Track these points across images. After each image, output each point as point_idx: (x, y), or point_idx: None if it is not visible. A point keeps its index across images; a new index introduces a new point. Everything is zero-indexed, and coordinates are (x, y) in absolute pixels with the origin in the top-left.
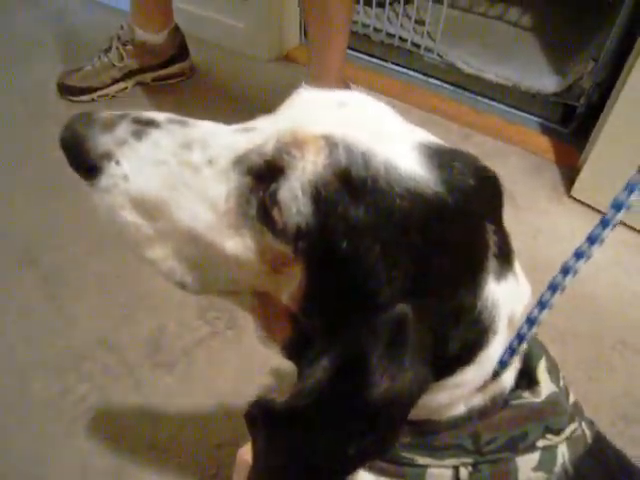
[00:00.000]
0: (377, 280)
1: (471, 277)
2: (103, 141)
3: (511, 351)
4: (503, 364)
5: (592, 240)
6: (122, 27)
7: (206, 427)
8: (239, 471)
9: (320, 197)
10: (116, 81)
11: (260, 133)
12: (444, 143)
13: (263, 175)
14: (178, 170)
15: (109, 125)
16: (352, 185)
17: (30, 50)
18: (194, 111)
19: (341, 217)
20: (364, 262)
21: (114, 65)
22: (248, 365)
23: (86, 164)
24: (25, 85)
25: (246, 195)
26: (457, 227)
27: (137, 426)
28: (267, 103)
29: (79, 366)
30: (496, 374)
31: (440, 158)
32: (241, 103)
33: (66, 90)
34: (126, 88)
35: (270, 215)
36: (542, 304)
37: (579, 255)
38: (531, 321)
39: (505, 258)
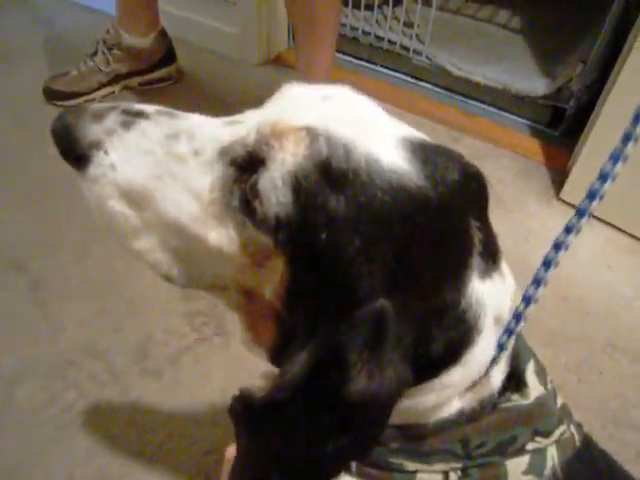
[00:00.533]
0: (357, 274)
1: (454, 274)
2: (92, 131)
3: (499, 347)
4: (492, 361)
5: (569, 230)
6: (108, 31)
7: (194, 434)
8: (227, 467)
9: (300, 188)
10: (103, 85)
11: (245, 125)
12: (428, 138)
13: (246, 166)
14: (165, 160)
15: (99, 116)
16: (332, 177)
17: (16, 55)
18: None
19: (321, 208)
20: (343, 255)
21: (100, 69)
22: (236, 371)
23: (75, 153)
24: (11, 90)
25: (230, 186)
26: (440, 222)
27: (124, 433)
28: (255, 107)
29: (66, 373)
30: (484, 373)
31: (424, 153)
32: (229, 107)
33: (52, 95)
34: (113, 92)
35: (251, 206)
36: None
37: (558, 247)
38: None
39: (490, 256)
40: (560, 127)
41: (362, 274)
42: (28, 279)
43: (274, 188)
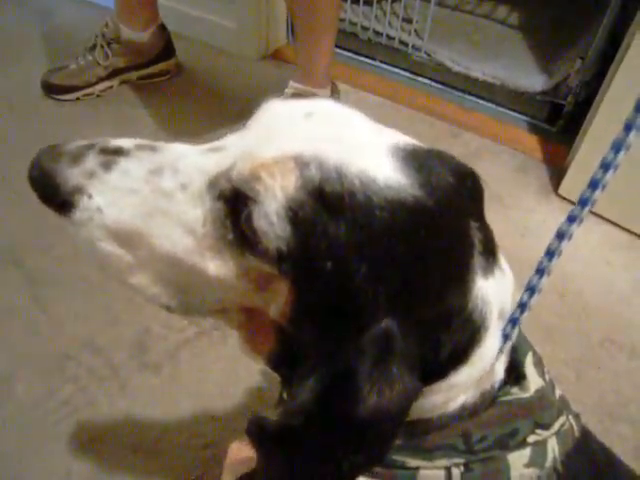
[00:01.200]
0: (362, 297)
1: (459, 279)
2: (72, 176)
3: (504, 337)
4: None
5: (571, 219)
6: (107, 25)
7: (192, 428)
8: (229, 466)
9: (297, 219)
10: (101, 80)
11: (229, 153)
12: (418, 143)
13: (234, 200)
14: (151, 197)
15: (76, 158)
16: (329, 202)
17: (14, 48)
18: (181, 110)
19: (322, 236)
20: (348, 279)
21: (99, 64)
22: (234, 365)
23: (58, 200)
24: (9, 84)
25: (222, 219)
26: (441, 230)
27: (122, 428)
28: (254, 102)
29: (64, 368)
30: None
31: (416, 160)
32: (228, 102)
33: (51, 89)
34: (111, 87)
35: (249, 239)
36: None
37: (561, 236)
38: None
39: (490, 253)
40: (558, 123)
41: (367, 297)
42: (25, 274)
43: (270, 224)
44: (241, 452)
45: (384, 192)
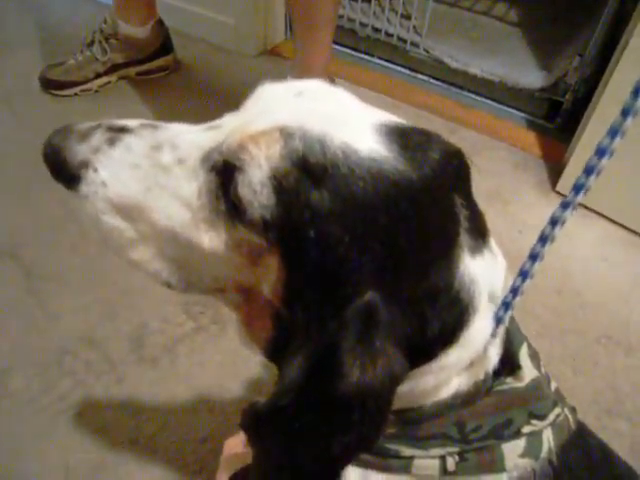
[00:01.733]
0: (346, 269)
1: (444, 254)
2: (80, 151)
3: (497, 321)
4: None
5: (565, 206)
6: (105, 20)
7: (190, 422)
8: (225, 462)
9: (281, 188)
10: (99, 75)
11: (223, 130)
12: (404, 121)
13: (225, 172)
14: (152, 171)
15: (84, 135)
16: (312, 172)
17: (13, 44)
18: (179, 106)
19: (305, 205)
20: (332, 249)
21: (97, 59)
22: (232, 359)
23: (66, 174)
24: (7, 79)
25: (214, 191)
26: (424, 204)
27: (120, 421)
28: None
29: (61, 362)
30: (483, 350)
31: (401, 136)
32: (226, 98)
33: (49, 84)
34: (109, 82)
35: (238, 209)
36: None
37: (554, 222)
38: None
39: (478, 232)
40: (556, 120)
41: (351, 268)
42: (22, 267)
43: (254, 193)
44: (237, 447)
45: (367, 164)
